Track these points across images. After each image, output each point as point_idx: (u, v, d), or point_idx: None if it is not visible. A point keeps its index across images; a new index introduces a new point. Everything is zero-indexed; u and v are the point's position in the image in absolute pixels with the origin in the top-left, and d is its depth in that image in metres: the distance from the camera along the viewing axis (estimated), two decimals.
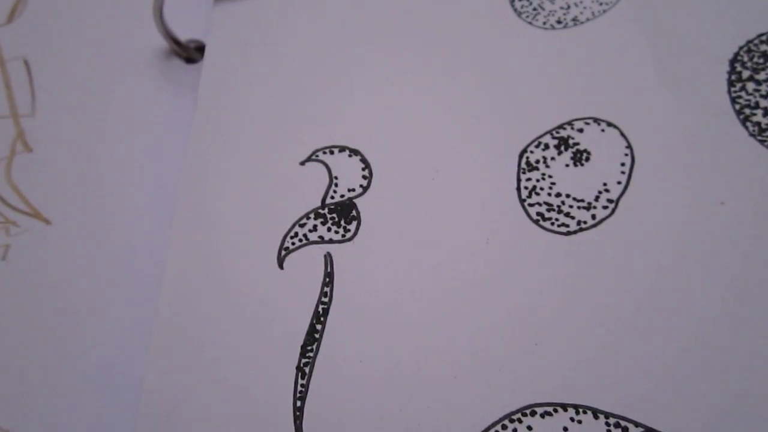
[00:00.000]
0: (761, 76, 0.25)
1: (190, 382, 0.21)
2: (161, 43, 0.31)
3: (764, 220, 0.22)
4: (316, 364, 0.21)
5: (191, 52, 0.31)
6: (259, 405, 0.20)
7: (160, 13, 0.29)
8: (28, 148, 0.28)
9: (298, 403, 0.20)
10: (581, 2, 0.27)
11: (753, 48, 0.26)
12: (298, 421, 0.20)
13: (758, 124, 0.24)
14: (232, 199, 0.24)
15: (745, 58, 0.25)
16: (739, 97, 0.25)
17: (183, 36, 0.31)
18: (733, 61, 0.25)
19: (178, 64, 0.31)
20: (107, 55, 0.30)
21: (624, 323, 0.21)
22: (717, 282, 0.21)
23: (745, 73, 0.25)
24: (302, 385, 0.21)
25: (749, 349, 0.20)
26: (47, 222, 0.27)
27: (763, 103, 0.24)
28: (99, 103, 0.30)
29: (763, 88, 0.25)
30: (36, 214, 0.27)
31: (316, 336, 0.21)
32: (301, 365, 0.21)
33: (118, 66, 0.30)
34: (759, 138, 0.24)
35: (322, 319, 0.22)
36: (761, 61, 0.25)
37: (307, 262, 0.22)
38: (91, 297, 0.25)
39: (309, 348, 0.21)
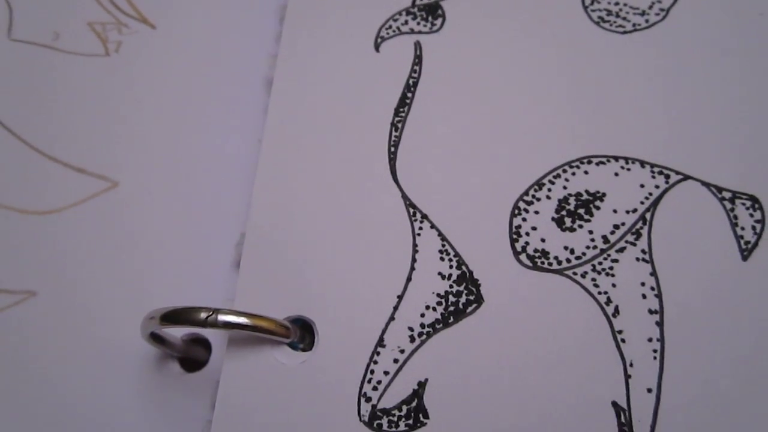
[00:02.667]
0: None
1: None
2: None
3: None
4: (407, 121, 0.25)
5: None
6: (356, 150, 0.25)
7: None
8: None
9: (392, 149, 0.25)
10: None
11: None
12: (392, 162, 0.24)
13: None
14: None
15: None
16: None
17: None
18: None
19: None
20: None
21: (670, 100, 0.24)
22: (748, 68, 0.25)
23: None
24: (395, 136, 0.25)
25: None
26: (153, 26, 0.31)
27: None
28: None
29: None
30: (143, 19, 0.32)
31: (407, 101, 0.25)
32: (395, 122, 0.25)
33: None
34: None
35: (412, 89, 0.26)
36: None
37: (400, 48, 0.26)
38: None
39: (401, 110, 0.25)
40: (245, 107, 0.29)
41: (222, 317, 0.22)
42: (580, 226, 0.23)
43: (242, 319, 0.22)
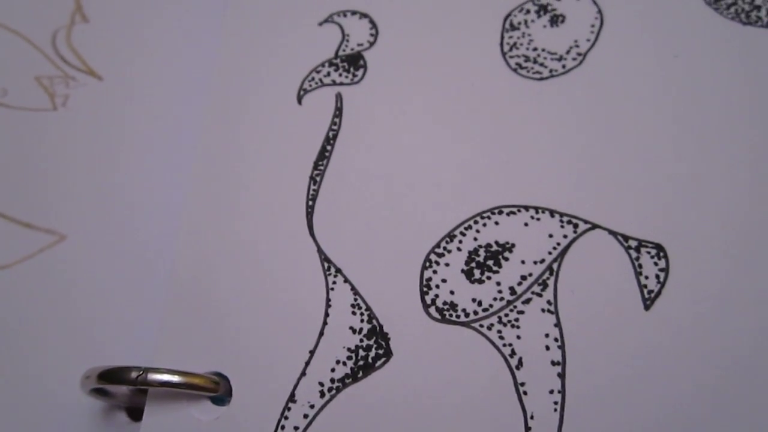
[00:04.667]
0: None
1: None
2: None
3: (710, 67, 0.26)
4: (325, 174, 0.26)
5: None
6: (275, 204, 0.25)
7: None
8: (85, 19, 0.33)
9: (310, 203, 0.25)
10: None
11: None
12: (309, 216, 0.25)
13: None
14: (264, 51, 0.29)
15: None
16: None
17: None
18: None
19: None
20: None
21: (581, 148, 0.25)
22: (667, 113, 0.25)
23: None
24: (314, 190, 0.25)
25: (687, 168, 0.24)
26: (100, 78, 0.32)
27: None
28: None
29: None
30: (90, 72, 0.32)
31: (326, 154, 0.26)
32: (314, 175, 0.26)
33: None
34: (713, 6, 0.27)
35: (332, 142, 0.26)
36: None
37: (322, 100, 0.27)
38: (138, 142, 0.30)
39: (320, 163, 0.26)
40: (188, 159, 0.30)
41: (152, 376, 0.23)
42: (489, 278, 0.23)
43: (173, 377, 0.23)
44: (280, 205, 0.25)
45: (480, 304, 0.23)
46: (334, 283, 0.24)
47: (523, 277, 0.23)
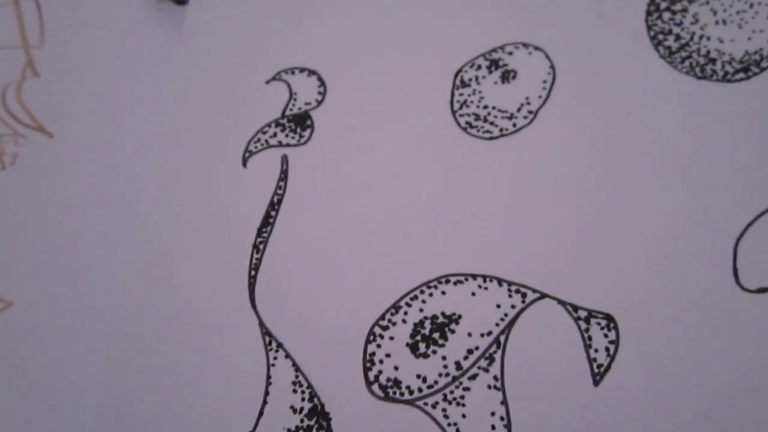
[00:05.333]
0: (677, 6, 0.28)
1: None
2: None
3: (664, 125, 0.25)
4: (269, 242, 0.25)
5: None
6: (217, 275, 0.24)
7: None
8: (36, 74, 0.33)
9: (253, 273, 0.24)
10: None
11: None
12: (251, 287, 0.24)
13: (669, 48, 0.27)
14: (210, 111, 0.28)
15: None
16: (655, 24, 0.28)
17: None
18: None
19: (169, 5, 0.35)
20: None
21: (531, 212, 0.24)
22: (619, 175, 0.24)
23: (663, 4, 0.28)
24: (257, 259, 0.25)
25: (639, 234, 0.23)
26: (50, 135, 0.32)
27: (676, 30, 0.27)
28: (99, 38, 0.34)
29: (677, 17, 0.28)
30: (41, 129, 0.32)
31: (270, 221, 0.25)
32: (257, 243, 0.25)
33: (117, 7, 0.34)
34: (668, 60, 0.27)
35: (276, 207, 0.25)
36: None
37: (267, 162, 0.26)
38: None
39: (264, 230, 0.25)
40: (132, 223, 0.29)
41: None
42: (434, 352, 0.23)
43: None
44: (223, 276, 0.25)
45: (425, 380, 0.22)
46: (275, 358, 0.23)
47: (470, 351, 0.22)
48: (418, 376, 0.22)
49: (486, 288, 0.23)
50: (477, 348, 0.22)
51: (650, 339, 0.22)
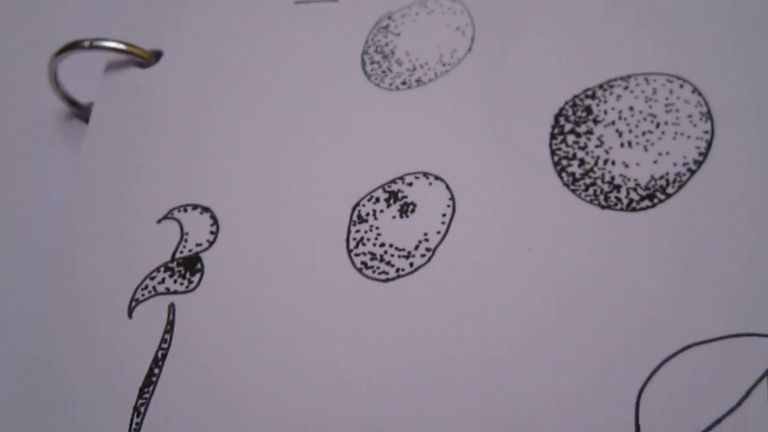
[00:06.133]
0: (582, 128, 0.27)
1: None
2: (61, 105, 0.34)
3: (566, 259, 0.24)
4: (150, 404, 0.23)
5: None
6: None
7: (55, 78, 0.32)
8: None
9: None
10: (426, 64, 0.29)
11: (578, 102, 0.28)
12: None
13: (573, 174, 0.26)
14: (101, 252, 0.27)
15: (569, 112, 0.28)
16: (559, 149, 0.27)
17: (84, 99, 0.34)
18: (557, 116, 0.27)
19: (78, 124, 0.34)
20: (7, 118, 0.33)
21: (423, 359, 0.23)
22: (517, 319, 0.23)
23: (567, 126, 0.27)
24: (137, 423, 0.23)
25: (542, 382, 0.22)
26: None
27: (580, 154, 0.26)
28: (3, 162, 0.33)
29: (582, 140, 0.27)
30: None
31: (153, 379, 0.24)
32: (138, 405, 0.23)
33: (19, 128, 0.33)
34: (572, 187, 0.26)
35: (160, 363, 0.24)
36: (584, 114, 0.27)
37: (153, 312, 0.25)
38: None
39: (146, 390, 0.24)
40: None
41: None
42: None
43: None
44: None
45: None
46: None
47: None
48: None
49: None
50: None
51: None
